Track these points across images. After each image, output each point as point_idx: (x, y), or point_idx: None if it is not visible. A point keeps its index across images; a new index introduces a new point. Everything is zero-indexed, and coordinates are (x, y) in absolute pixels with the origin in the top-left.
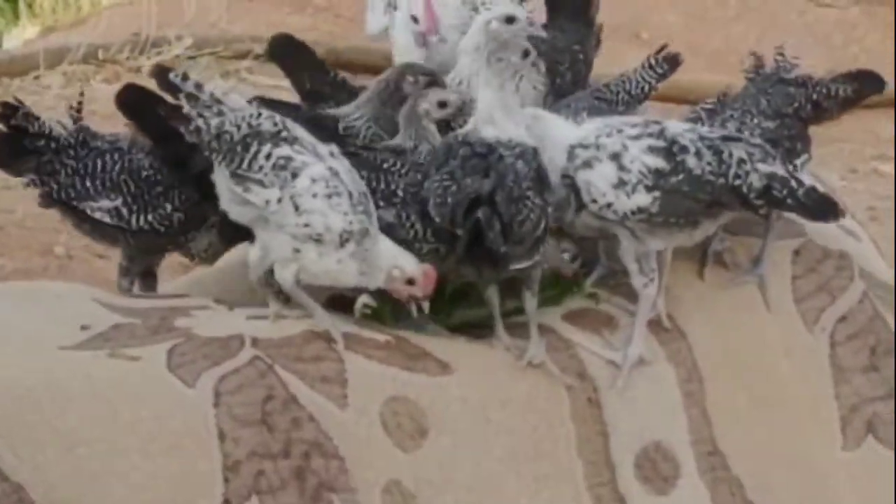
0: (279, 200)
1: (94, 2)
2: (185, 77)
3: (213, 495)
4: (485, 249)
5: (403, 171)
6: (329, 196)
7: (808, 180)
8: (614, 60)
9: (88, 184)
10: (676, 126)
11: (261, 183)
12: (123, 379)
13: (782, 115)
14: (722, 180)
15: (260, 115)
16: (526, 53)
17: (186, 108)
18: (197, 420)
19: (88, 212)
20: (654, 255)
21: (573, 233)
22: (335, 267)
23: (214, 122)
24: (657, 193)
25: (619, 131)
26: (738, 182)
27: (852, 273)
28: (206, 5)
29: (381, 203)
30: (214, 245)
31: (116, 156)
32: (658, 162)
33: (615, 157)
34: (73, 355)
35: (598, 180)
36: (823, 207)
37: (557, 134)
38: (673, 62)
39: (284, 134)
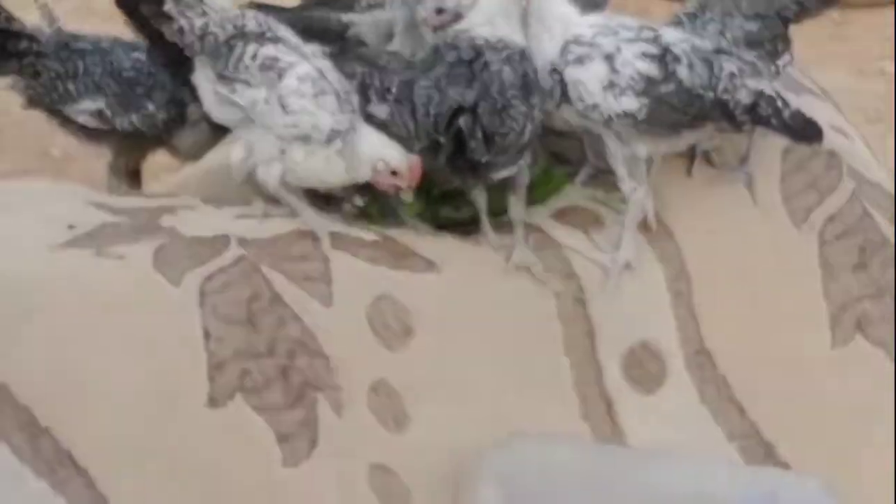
0: (266, 101)
1: None
2: None
3: (198, 393)
4: (467, 158)
5: (399, 67)
6: (316, 95)
7: (793, 102)
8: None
9: (71, 86)
10: (672, 34)
11: (247, 83)
12: (108, 277)
13: (763, 17)
14: (711, 94)
15: (244, 15)
16: None
17: (169, 8)
18: (182, 319)
19: (72, 116)
20: (642, 160)
21: (549, 124)
22: (322, 165)
23: (198, 22)
24: (645, 100)
25: (615, 33)
26: (725, 97)
27: (841, 172)
28: None
29: (375, 99)
30: (200, 142)
31: (98, 57)
32: (650, 69)
33: (608, 58)
34: (60, 254)
35: (589, 79)
36: (806, 130)
37: (555, 17)
38: None
39: (269, 34)
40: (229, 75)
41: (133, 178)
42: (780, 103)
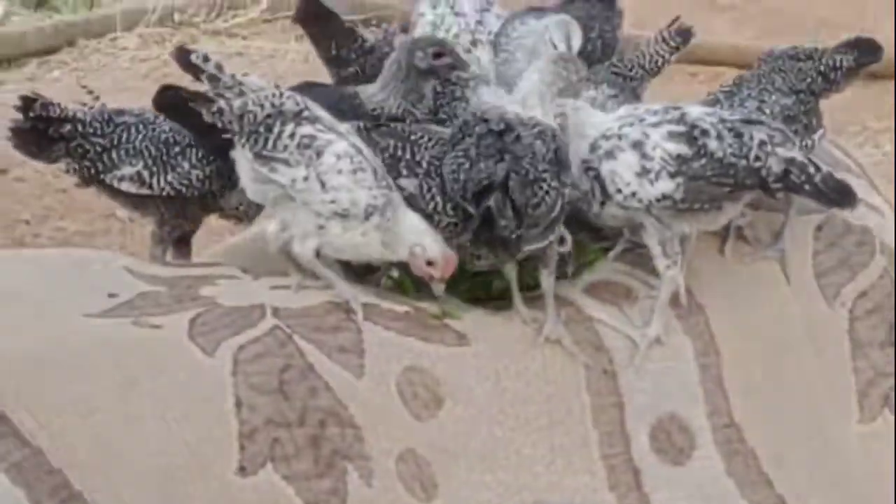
0: (305, 178)
1: None
2: (206, 58)
3: (229, 462)
4: (497, 233)
5: (430, 142)
6: (354, 171)
7: (825, 166)
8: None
9: (113, 155)
10: (696, 110)
11: (286, 162)
12: (144, 347)
13: (797, 92)
14: (744, 162)
15: (282, 94)
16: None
17: (208, 90)
18: (214, 388)
19: (115, 183)
20: (677, 238)
21: (600, 224)
22: (360, 240)
23: (237, 102)
24: (680, 179)
25: (641, 120)
26: (758, 164)
27: (874, 249)
28: None
29: (405, 172)
30: (246, 202)
31: (141, 126)
32: (680, 147)
33: (637, 145)
34: (97, 323)
35: (622, 170)
36: (839, 194)
37: (590, 125)
38: (685, 35)
39: (306, 113)
40: (268, 154)
41: (180, 246)
42: (811, 169)
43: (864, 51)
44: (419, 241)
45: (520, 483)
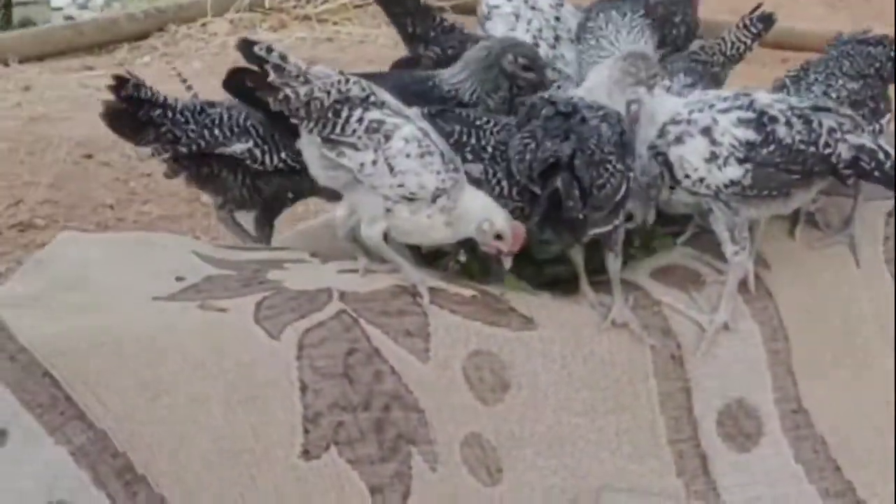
0: (374, 163)
1: None
2: (269, 49)
3: (293, 445)
4: (563, 215)
5: (496, 128)
6: (422, 156)
7: (894, 152)
8: (787, 14)
9: (217, 132)
10: (765, 97)
11: (354, 147)
12: (209, 330)
13: (865, 76)
14: (812, 149)
15: (348, 80)
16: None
17: (273, 79)
18: (279, 371)
19: (226, 152)
20: (746, 224)
21: (669, 210)
22: (426, 222)
23: (303, 90)
24: (749, 166)
25: (711, 106)
26: (827, 151)
27: None
28: None
29: (471, 157)
30: None
31: (238, 110)
32: (748, 134)
33: (706, 131)
34: (165, 306)
35: (691, 155)
36: None
37: (660, 111)
38: (767, 21)
39: (373, 98)
40: (336, 139)
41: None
42: (881, 155)
43: None
44: (487, 216)
45: (585, 468)
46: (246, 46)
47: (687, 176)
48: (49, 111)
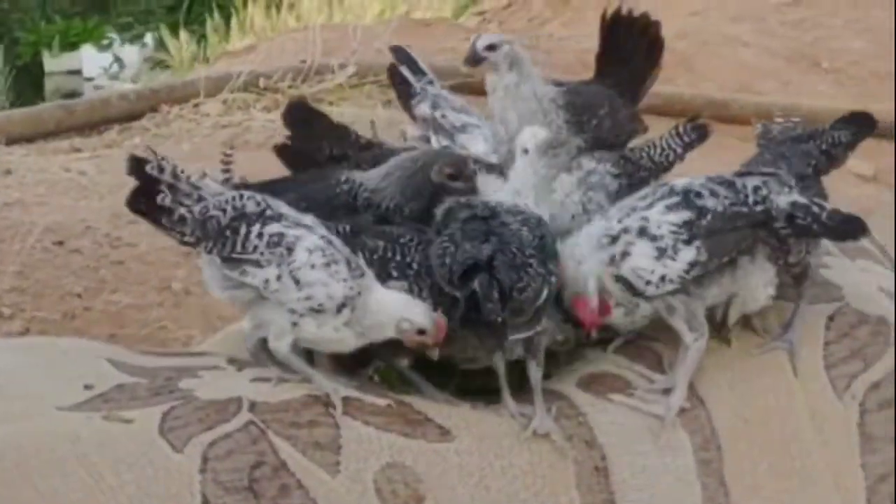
0: (279, 277)
1: (300, 17)
2: (160, 168)
3: None
4: (483, 317)
5: (420, 245)
6: (327, 265)
7: (827, 204)
8: (795, 90)
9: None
10: (681, 180)
11: (257, 263)
12: (111, 442)
13: (804, 177)
14: (745, 209)
15: (242, 196)
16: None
17: (164, 199)
18: (181, 486)
19: None
20: (702, 310)
21: (630, 328)
22: (333, 335)
23: (197, 208)
24: (698, 242)
25: (634, 209)
26: (759, 208)
27: (889, 339)
28: (374, 33)
29: (395, 274)
30: None
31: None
32: (682, 215)
33: (642, 232)
34: (68, 416)
35: (640, 261)
36: (849, 227)
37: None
38: (701, 132)
39: (269, 212)
40: (237, 257)
41: None
42: (815, 209)
43: (861, 124)
44: (403, 314)
45: None
46: (136, 164)
47: (648, 282)
48: (25, 196)
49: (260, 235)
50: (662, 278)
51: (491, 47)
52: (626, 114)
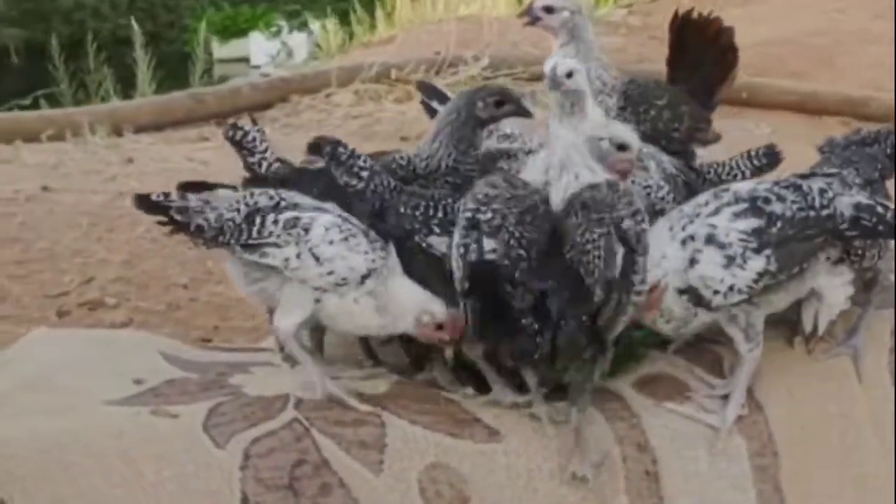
0: (298, 255)
1: (448, 6)
2: (167, 195)
3: None
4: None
5: (457, 202)
6: (346, 239)
7: (891, 204)
8: None
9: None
10: (744, 185)
11: (276, 245)
12: (154, 438)
13: (871, 181)
14: (812, 213)
15: (252, 193)
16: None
17: (179, 217)
18: (221, 482)
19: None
20: (762, 319)
21: (684, 334)
22: (355, 308)
23: (212, 215)
24: (769, 251)
25: (698, 214)
26: (826, 212)
27: None
28: (508, 25)
29: (437, 230)
30: None
31: None
32: (751, 222)
33: (710, 239)
34: (115, 411)
35: (709, 270)
36: None
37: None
38: (773, 158)
39: (283, 203)
40: (255, 242)
41: None
42: (880, 209)
43: None
44: (424, 307)
45: None
46: (142, 203)
47: (716, 292)
48: (142, 186)
49: (276, 222)
50: (731, 288)
51: (548, 9)
52: (696, 116)
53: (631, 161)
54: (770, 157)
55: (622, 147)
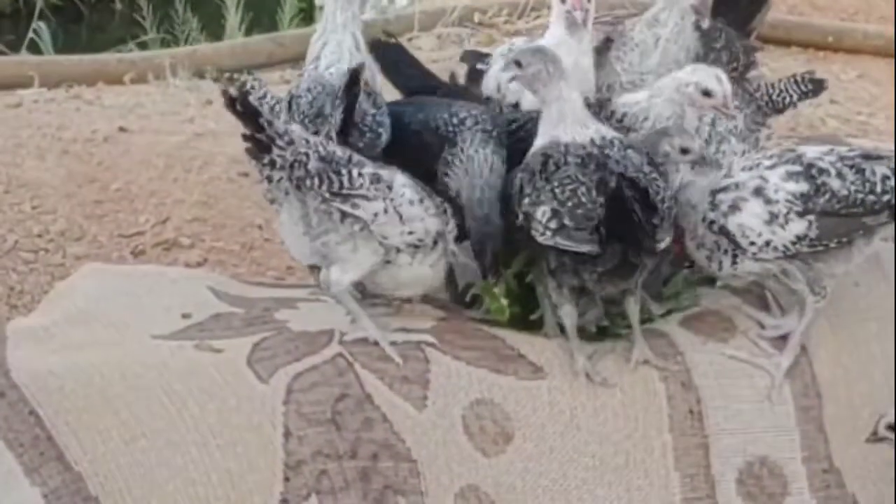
0: (385, 211)
1: None
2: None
3: (272, 493)
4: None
5: None
6: (421, 200)
7: None
8: None
9: None
10: (813, 150)
11: (366, 197)
12: (198, 371)
13: None
14: (872, 197)
15: (328, 143)
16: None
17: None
18: (263, 416)
19: None
20: (826, 278)
21: (734, 283)
22: (429, 272)
23: (288, 151)
24: (811, 217)
25: (757, 164)
26: (886, 198)
27: None
28: None
29: None
30: None
31: None
32: (801, 186)
33: (758, 191)
34: (160, 345)
35: (750, 220)
36: None
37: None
38: (817, 85)
39: (355, 158)
40: (347, 192)
41: None
42: None
43: None
44: None
45: None
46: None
47: (752, 243)
48: (219, 127)
49: (361, 175)
50: (767, 244)
51: None
52: (748, 50)
53: (716, 107)
54: (815, 84)
55: (707, 93)
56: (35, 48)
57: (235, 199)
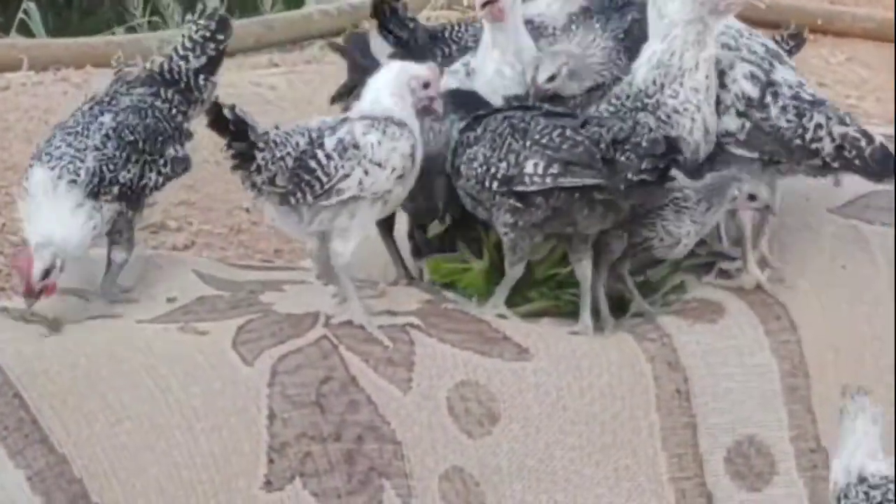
0: (366, 172)
1: None
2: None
3: (255, 476)
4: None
5: None
6: (384, 132)
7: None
8: None
9: None
10: (787, 73)
11: (345, 177)
12: (182, 354)
13: None
14: (798, 141)
15: (286, 137)
16: None
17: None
18: (248, 399)
19: None
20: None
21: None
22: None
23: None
24: (745, 121)
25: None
26: (814, 146)
27: None
28: None
29: None
30: None
31: None
32: (752, 90)
33: (721, 73)
34: (145, 328)
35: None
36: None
37: None
38: (798, 40)
39: (314, 133)
40: (328, 187)
41: None
42: (863, 142)
43: None
44: None
45: None
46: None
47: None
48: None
49: (329, 156)
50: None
51: None
52: None
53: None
54: (796, 40)
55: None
56: (25, 30)
57: (222, 182)
